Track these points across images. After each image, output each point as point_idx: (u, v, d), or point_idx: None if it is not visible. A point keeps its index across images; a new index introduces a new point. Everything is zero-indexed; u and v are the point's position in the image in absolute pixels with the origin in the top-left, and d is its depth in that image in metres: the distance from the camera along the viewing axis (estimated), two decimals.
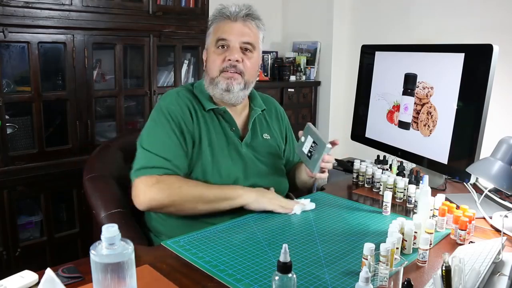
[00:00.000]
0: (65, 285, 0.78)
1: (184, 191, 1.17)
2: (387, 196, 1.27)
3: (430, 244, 1.04)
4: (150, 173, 1.18)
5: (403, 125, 1.58)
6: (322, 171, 1.27)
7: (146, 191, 1.16)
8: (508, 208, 1.32)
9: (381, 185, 1.49)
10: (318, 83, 3.33)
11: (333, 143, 1.23)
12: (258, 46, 1.33)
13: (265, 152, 1.38)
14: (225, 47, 1.28)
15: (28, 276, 0.85)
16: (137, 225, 1.30)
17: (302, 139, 1.31)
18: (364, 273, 0.71)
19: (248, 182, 1.30)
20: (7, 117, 1.92)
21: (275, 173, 1.39)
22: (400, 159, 1.63)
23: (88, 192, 1.31)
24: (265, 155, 1.38)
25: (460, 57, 1.35)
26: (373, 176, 1.54)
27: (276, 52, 3.43)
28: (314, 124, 3.32)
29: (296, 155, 1.51)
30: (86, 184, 1.33)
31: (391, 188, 1.41)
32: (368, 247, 0.88)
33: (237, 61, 1.27)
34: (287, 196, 1.41)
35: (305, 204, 1.28)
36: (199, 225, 1.18)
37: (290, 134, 1.53)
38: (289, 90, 3.15)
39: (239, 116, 1.37)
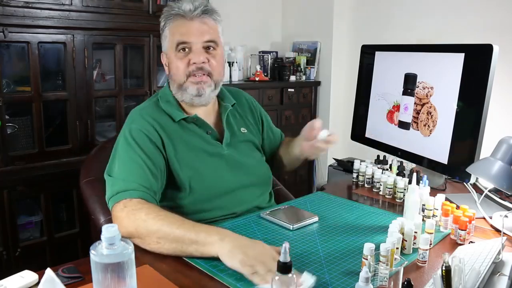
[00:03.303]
0: (65, 285, 0.78)
1: (150, 221, 1.00)
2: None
3: (430, 244, 1.04)
4: (118, 199, 1.07)
5: (403, 125, 1.58)
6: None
7: (117, 221, 1.04)
8: (508, 208, 1.32)
9: (381, 185, 1.49)
10: (318, 83, 3.33)
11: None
12: (219, 41, 1.26)
13: (246, 147, 1.35)
14: (187, 49, 1.21)
15: (28, 276, 0.85)
16: None
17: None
18: (364, 273, 0.71)
19: (235, 182, 1.27)
20: (7, 117, 1.92)
21: (258, 166, 1.37)
22: (400, 159, 1.63)
23: (86, 196, 1.30)
24: (246, 150, 1.35)
25: (460, 57, 1.35)
26: (373, 176, 1.54)
27: (276, 52, 3.43)
28: None
29: (276, 135, 1.52)
30: (83, 188, 1.31)
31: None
32: (368, 247, 0.88)
33: (203, 62, 1.21)
34: None
35: (301, 283, 0.85)
36: None
37: (266, 118, 1.50)
38: (289, 90, 3.15)
39: (210, 116, 1.32)
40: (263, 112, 1.51)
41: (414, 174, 1.20)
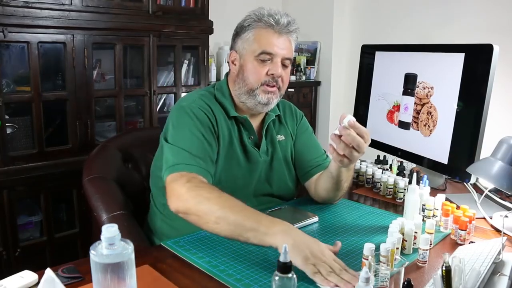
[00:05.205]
0: (65, 285, 0.78)
1: (213, 200, 1.02)
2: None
3: (430, 244, 1.04)
4: (179, 170, 1.10)
5: (403, 125, 1.58)
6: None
7: (174, 193, 1.06)
8: (508, 208, 1.32)
9: (381, 185, 1.49)
10: (318, 83, 3.33)
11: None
12: (292, 60, 1.31)
13: (280, 156, 1.36)
14: (267, 60, 1.24)
15: (28, 276, 0.85)
16: (139, 228, 1.29)
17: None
18: (364, 273, 0.71)
19: (261, 189, 1.32)
20: (7, 117, 1.92)
21: (286, 182, 1.38)
22: (400, 159, 1.63)
23: (88, 194, 1.30)
24: (280, 160, 1.36)
25: (460, 57, 1.35)
26: (373, 176, 1.54)
27: None
28: (314, 123, 3.33)
29: (312, 158, 1.39)
30: (86, 185, 1.32)
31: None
32: (368, 247, 0.88)
33: (279, 76, 1.25)
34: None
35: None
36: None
37: (305, 131, 1.44)
38: (289, 90, 3.13)
39: (254, 121, 1.34)
40: (304, 122, 1.46)
41: (414, 174, 1.20)
